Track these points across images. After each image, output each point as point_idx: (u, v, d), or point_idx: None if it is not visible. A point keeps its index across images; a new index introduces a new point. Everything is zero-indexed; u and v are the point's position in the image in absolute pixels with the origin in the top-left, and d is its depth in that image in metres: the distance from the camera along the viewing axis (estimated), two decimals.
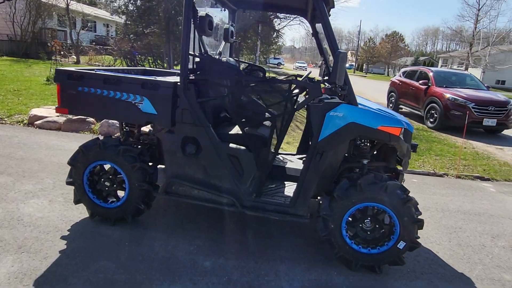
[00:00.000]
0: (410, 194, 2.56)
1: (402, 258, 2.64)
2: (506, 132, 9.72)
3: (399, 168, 3.10)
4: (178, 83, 2.63)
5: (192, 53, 2.68)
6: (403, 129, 2.59)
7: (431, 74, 10.42)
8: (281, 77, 3.06)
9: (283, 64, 42.49)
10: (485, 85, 10.75)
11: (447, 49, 70.69)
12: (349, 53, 77.67)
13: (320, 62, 3.96)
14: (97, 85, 2.73)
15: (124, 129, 3.37)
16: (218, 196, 2.76)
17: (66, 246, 2.65)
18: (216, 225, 3.17)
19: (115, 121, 5.84)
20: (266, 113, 2.91)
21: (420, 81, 10.39)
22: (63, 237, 2.76)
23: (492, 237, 3.54)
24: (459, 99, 8.99)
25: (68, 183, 2.97)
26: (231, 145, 2.71)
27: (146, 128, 3.96)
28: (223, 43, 3.64)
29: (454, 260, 3.02)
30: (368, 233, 2.67)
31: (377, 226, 2.65)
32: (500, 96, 9.70)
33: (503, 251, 3.28)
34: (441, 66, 43.44)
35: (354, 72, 48.51)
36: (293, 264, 2.71)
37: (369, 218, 2.64)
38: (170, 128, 2.70)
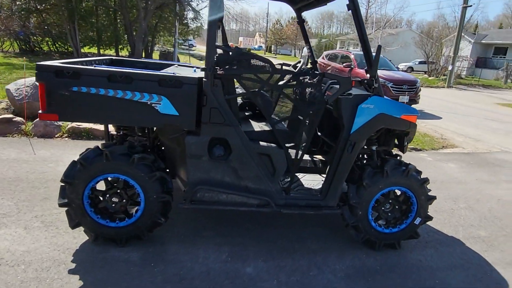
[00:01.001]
0: None
1: (418, 232, 2.94)
2: (413, 106, 11.33)
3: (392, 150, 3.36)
4: (204, 79, 2.35)
5: (220, 45, 2.40)
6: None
7: (352, 56, 11.40)
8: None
9: (195, 46, 41.07)
10: (395, 66, 12.27)
11: (341, 32, 77.66)
12: (257, 35, 79.40)
13: (305, 49, 3.93)
14: (100, 83, 2.24)
15: (117, 133, 2.89)
16: (249, 198, 2.61)
17: (83, 281, 2.20)
18: (233, 227, 3.01)
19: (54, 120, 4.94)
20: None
21: (344, 64, 11.28)
22: (71, 271, 2.28)
23: (453, 201, 4.17)
24: (380, 80, 10.09)
25: (61, 205, 2.43)
26: (262, 143, 2.57)
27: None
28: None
29: (441, 226, 3.48)
30: (389, 214, 2.88)
31: (397, 207, 2.87)
32: (410, 76, 11.23)
33: (466, 211, 3.91)
34: (339, 47, 47.74)
35: (264, 54, 49.82)
36: (325, 255, 2.78)
37: (390, 201, 2.84)
38: (193, 129, 2.41)
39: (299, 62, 3.53)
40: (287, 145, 2.64)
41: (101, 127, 5.07)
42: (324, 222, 3.27)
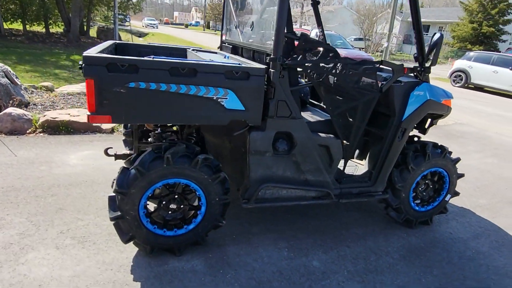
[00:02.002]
0: None
1: (447, 207, 3.17)
2: None
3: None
4: (271, 70, 2.16)
5: (289, 33, 2.20)
6: None
7: (313, 35, 11.55)
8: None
9: (129, 21, 37.70)
10: (350, 44, 12.76)
11: None
12: (193, 9, 75.73)
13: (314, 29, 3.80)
14: (161, 77, 1.93)
15: (155, 132, 2.56)
16: (308, 191, 2.55)
17: None
18: (277, 221, 2.93)
19: (20, 114, 4.24)
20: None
21: None
22: None
23: None
24: None
25: (114, 218, 2.11)
26: (321, 134, 2.49)
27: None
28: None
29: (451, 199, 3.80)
30: (424, 193, 3.05)
31: (431, 186, 3.05)
32: (365, 54, 11.79)
33: (460, 182, 4.20)
34: None
35: (204, 30, 47.93)
36: (373, 239, 2.86)
37: (427, 181, 3.00)
38: (259, 124, 2.23)
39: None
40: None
41: (81, 118, 4.48)
42: (355, 206, 3.36)
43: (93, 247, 2.34)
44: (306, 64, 2.28)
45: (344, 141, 2.58)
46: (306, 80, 3.18)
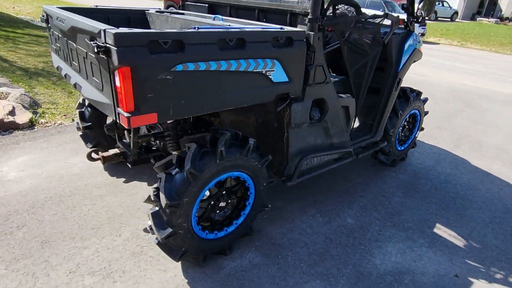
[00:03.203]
0: None
1: (416, 143, 3.61)
2: None
3: None
4: (310, 32, 1.91)
5: None
6: None
7: None
8: None
9: None
10: None
11: None
12: None
13: None
14: (210, 54, 1.51)
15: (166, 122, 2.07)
16: (333, 155, 2.52)
17: None
18: (289, 190, 2.86)
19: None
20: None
21: None
22: None
23: None
24: None
25: (166, 237, 1.70)
26: (342, 95, 2.42)
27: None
28: None
29: None
30: (402, 134, 3.39)
31: (407, 127, 3.39)
32: None
33: None
34: None
35: None
36: (375, 184, 3.09)
37: (405, 123, 3.32)
38: (299, 95, 2.02)
39: None
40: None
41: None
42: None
43: (126, 276, 1.88)
44: (338, 23, 2.10)
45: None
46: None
